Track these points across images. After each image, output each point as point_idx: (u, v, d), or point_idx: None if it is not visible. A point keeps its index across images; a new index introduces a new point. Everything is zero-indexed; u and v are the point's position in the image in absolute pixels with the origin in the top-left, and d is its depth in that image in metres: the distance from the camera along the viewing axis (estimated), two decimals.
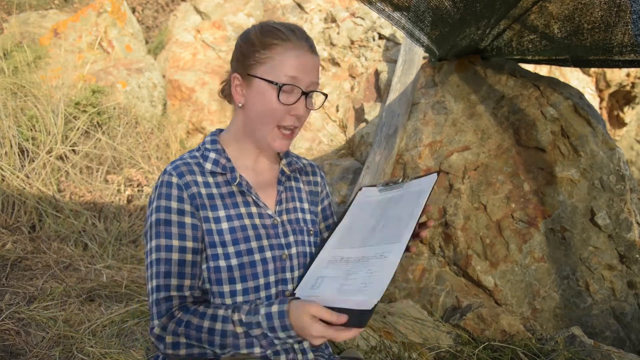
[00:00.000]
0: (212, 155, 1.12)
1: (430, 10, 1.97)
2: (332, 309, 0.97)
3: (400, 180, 1.19)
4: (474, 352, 1.73)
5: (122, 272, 2.65)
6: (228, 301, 1.04)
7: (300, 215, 1.19)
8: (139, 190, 3.78)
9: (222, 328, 0.97)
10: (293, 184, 1.23)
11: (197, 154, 1.13)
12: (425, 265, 2.37)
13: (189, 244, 1.03)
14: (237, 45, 1.13)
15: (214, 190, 1.09)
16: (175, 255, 1.01)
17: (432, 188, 1.09)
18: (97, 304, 2.18)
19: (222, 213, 1.07)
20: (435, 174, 1.12)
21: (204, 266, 1.05)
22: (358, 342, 1.74)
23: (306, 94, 1.09)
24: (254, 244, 1.07)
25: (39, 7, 6.07)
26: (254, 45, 1.09)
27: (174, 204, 1.04)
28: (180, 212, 1.04)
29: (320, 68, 4.81)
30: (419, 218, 1.03)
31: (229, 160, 1.13)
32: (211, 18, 5.68)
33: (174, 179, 1.05)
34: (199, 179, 1.08)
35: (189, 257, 1.03)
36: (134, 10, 6.38)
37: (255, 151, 1.17)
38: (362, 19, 4.72)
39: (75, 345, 1.75)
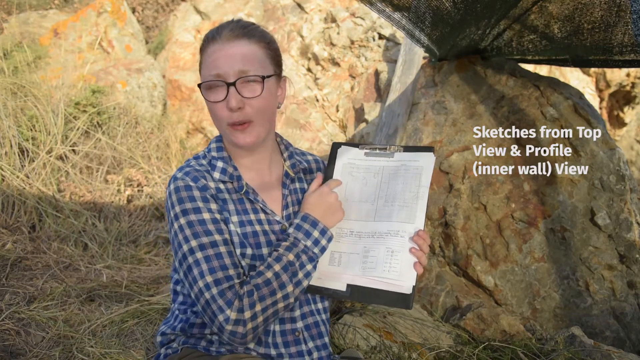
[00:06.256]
0: (220, 164, 1.13)
1: (430, 10, 1.96)
2: (367, 288, 1.06)
3: (388, 148, 1.18)
4: (474, 352, 1.73)
5: (122, 272, 2.64)
6: None
7: None
8: (139, 190, 3.77)
9: (281, 266, 1.02)
10: (297, 185, 1.23)
11: (203, 162, 1.14)
12: (425, 265, 2.37)
13: (227, 236, 1.05)
14: None
15: (226, 196, 1.10)
16: (222, 249, 1.02)
17: (433, 167, 1.12)
18: (97, 304, 2.18)
19: (234, 219, 1.09)
20: (432, 153, 1.13)
21: None
22: (358, 342, 1.74)
23: (234, 84, 1.05)
24: (264, 250, 1.08)
25: (39, 7, 6.06)
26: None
27: (201, 204, 1.05)
28: (210, 211, 1.05)
29: (318, 63, 4.81)
30: (427, 199, 1.10)
31: (236, 168, 1.14)
32: (211, 18, 5.68)
33: (191, 183, 1.07)
34: (212, 184, 1.10)
35: (230, 248, 1.05)
36: (134, 10, 6.38)
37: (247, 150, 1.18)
38: (362, 19, 4.72)
39: (75, 345, 1.75)
